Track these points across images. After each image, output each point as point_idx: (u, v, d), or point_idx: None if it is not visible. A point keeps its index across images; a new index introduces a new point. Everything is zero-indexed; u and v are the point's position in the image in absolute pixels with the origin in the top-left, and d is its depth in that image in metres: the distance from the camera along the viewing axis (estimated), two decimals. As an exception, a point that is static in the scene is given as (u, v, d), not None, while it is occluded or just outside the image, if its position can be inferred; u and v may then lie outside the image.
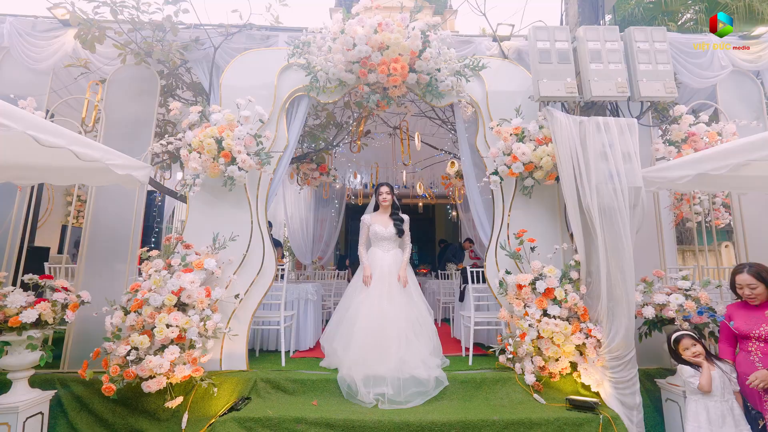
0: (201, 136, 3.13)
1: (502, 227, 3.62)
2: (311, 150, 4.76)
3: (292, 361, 3.74)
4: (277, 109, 3.67)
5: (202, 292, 3.08)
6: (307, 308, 4.31)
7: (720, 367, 2.53)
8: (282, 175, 3.71)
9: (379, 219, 3.69)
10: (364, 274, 3.52)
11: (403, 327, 3.30)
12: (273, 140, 3.60)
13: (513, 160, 3.34)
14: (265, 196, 3.59)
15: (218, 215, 3.45)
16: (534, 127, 3.34)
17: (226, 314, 3.33)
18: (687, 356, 2.58)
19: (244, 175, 3.27)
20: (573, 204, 3.18)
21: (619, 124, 3.09)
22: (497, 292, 3.48)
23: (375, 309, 3.29)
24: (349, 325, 3.32)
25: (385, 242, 3.63)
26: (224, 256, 3.36)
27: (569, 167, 3.16)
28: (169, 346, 2.90)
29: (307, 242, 8.19)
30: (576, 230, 3.19)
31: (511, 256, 3.40)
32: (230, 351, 3.32)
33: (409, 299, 3.45)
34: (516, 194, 3.61)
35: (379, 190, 3.68)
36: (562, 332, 3.05)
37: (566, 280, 3.25)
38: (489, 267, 3.61)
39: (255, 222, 3.49)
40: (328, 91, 3.70)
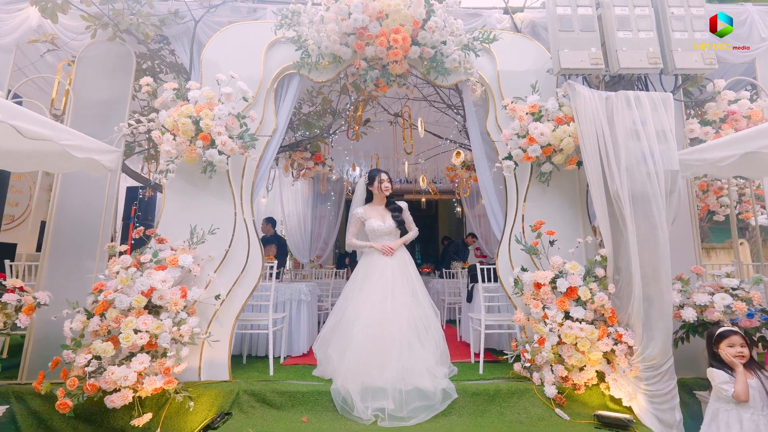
0: (175, 115, 2.75)
1: (517, 219, 3.23)
2: (305, 137, 4.38)
3: (282, 369, 3.36)
4: (265, 89, 3.29)
5: (177, 292, 2.71)
6: (300, 310, 3.93)
7: (760, 376, 2.15)
8: (270, 163, 3.33)
9: (374, 211, 3.30)
10: (379, 247, 3.16)
11: (407, 331, 2.92)
12: (260, 123, 3.23)
13: (529, 142, 2.95)
14: (250, 185, 3.21)
15: (197, 206, 3.08)
16: (553, 104, 2.95)
17: (206, 317, 2.96)
18: (727, 354, 2.19)
19: (225, 161, 2.90)
20: (598, 191, 2.79)
21: (652, 98, 2.70)
22: (511, 292, 3.09)
23: (376, 312, 2.90)
24: (346, 330, 2.94)
25: (385, 238, 3.24)
26: (204, 252, 2.98)
27: (594, 149, 2.77)
28: (138, 355, 2.54)
29: (304, 240, 7.83)
30: (602, 221, 2.80)
31: (527, 251, 3.01)
32: (210, 359, 2.94)
33: (414, 300, 3.07)
34: (532, 182, 3.22)
35: (379, 177, 3.28)
36: (587, 338, 2.66)
37: (590, 277, 2.86)
38: (501, 264, 3.22)
39: (239, 214, 3.11)
40: (321, 69, 3.32)
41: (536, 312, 2.85)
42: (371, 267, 3.16)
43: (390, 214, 3.30)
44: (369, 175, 3.32)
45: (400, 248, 3.28)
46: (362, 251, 3.32)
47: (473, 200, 7.93)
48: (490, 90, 3.38)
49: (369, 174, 3.32)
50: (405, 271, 3.19)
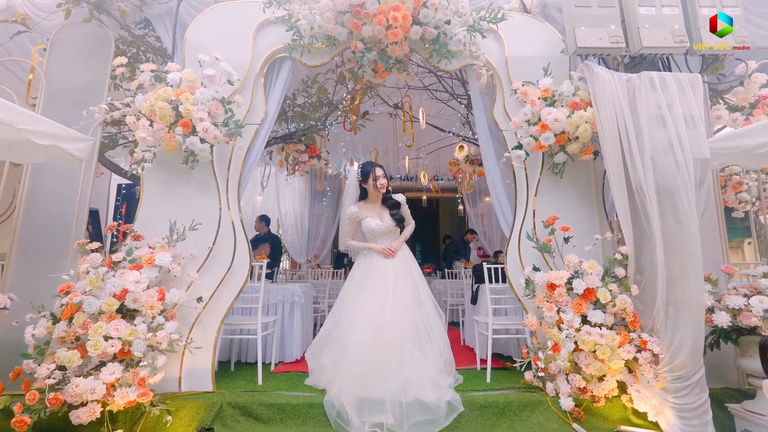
0: (152, 99, 2.49)
1: (527, 214, 2.97)
2: (299, 129, 4.12)
3: (273, 378, 3.10)
4: (253, 74, 3.03)
5: (153, 294, 2.45)
6: (293, 312, 3.67)
7: None
8: (258, 154, 3.07)
9: (370, 209, 3.03)
10: (379, 249, 2.90)
11: (408, 338, 2.66)
12: (248, 110, 2.97)
13: (541, 130, 2.69)
14: (237, 177, 2.96)
15: (179, 200, 2.82)
16: (568, 88, 2.69)
17: (188, 322, 2.70)
18: None
19: (208, 150, 2.64)
20: (619, 183, 2.53)
21: (679, 80, 2.44)
22: (522, 294, 2.83)
23: (375, 317, 2.64)
24: (342, 337, 2.68)
25: (384, 238, 2.98)
26: (185, 251, 2.72)
27: (614, 136, 2.51)
28: (109, 364, 2.28)
29: (302, 239, 7.57)
30: (623, 216, 2.54)
31: (539, 249, 2.75)
32: (192, 367, 2.68)
33: (417, 302, 2.80)
34: (543, 174, 2.96)
35: (374, 173, 2.96)
36: (608, 345, 2.40)
37: (609, 278, 2.60)
38: (511, 263, 2.96)
39: (224, 209, 2.85)
40: (314, 51, 3.06)
41: (550, 316, 2.59)
42: (370, 268, 2.90)
43: (388, 212, 3.04)
44: (362, 170, 3.01)
45: (401, 247, 3.02)
46: (359, 251, 3.06)
47: (476, 198, 7.67)
48: (497, 75, 3.13)
49: (361, 169, 3.01)
50: (407, 270, 2.93)
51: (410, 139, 4.12)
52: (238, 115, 2.84)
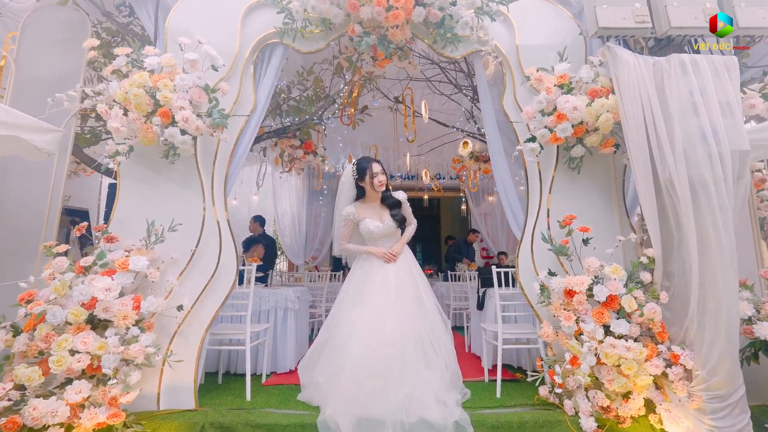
0: (127, 86, 2.24)
1: (540, 214, 2.71)
2: (293, 123, 3.87)
3: (263, 392, 2.85)
4: (242, 61, 2.78)
5: (127, 302, 2.20)
6: (286, 319, 3.42)
7: None
8: (247, 148, 2.82)
9: (368, 209, 2.76)
10: (379, 253, 2.64)
11: (411, 350, 2.40)
12: (235, 100, 2.72)
13: (557, 120, 2.44)
14: (224, 173, 2.71)
15: (158, 197, 2.57)
16: (587, 73, 2.44)
17: (168, 332, 2.45)
18: None
19: (189, 143, 2.39)
20: (645, 178, 2.28)
21: (713, 63, 2.18)
22: (536, 301, 2.58)
23: (374, 328, 2.38)
24: (338, 351, 2.42)
25: (384, 240, 2.72)
26: (166, 254, 2.47)
27: (639, 126, 2.26)
28: (75, 382, 2.03)
29: (299, 241, 7.33)
30: (649, 215, 2.29)
31: (555, 252, 2.50)
32: (172, 383, 2.43)
33: (420, 310, 2.55)
34: (558, 169, 2.71)
35: (371, 170, 2.67)
36: (635, 359, 2.14)
37: (633, 283, 2.35)
38: (523, 266, 2.71)
39: (209, 207, 2.60)
40: (308, 36, 2.82)
41: (567, 326, 2.33)
42: (369, 274, 2.64)
43: (388, 212, 2.77)
44: (357, 166, 2.71)
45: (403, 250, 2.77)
46: (356, 255, 2.80)
47: (479, 197, 7.42)
48: (507, 62, 2.88)
49: (357, 165, 2.71)
50: (409, 274, 2.68)
51: (412, 134, 3.87)
52: (224, 105, 2.59)
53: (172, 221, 2.41)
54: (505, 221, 7.18)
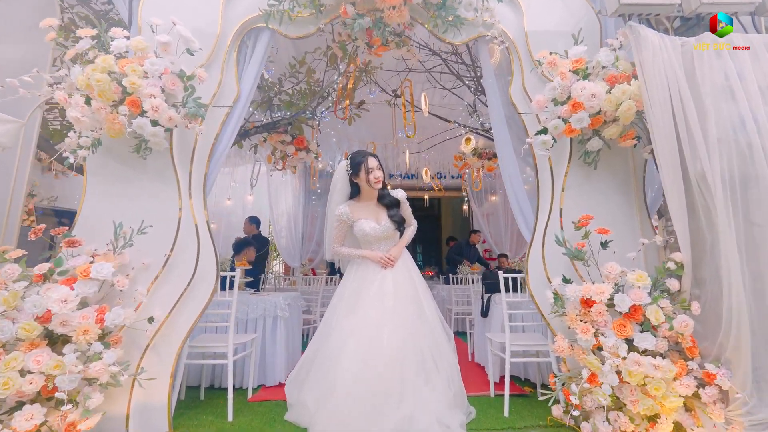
0: (89, 71, 2.00)
1: (552, 214, 2.46)
2: (283, 117, 3.61)
3: (248, 409, 2.60)
4: (223, 47, 2.53)
5: (90, 315, 1.95)
6: (276, 328, 3.17)
7: None
8: (230, 141, 2.57)
9: (364, 209, 2.50)
10: (376, 258, 2.40)
11: (410, 367, 2.15)
12: (216, 89, 2.47)
13: (572, 110, 2.19)
14: (203, 170, 2.46)
15: (129, 197, 2.32)
16: (606, 56, 2.18)
17: (139, 347, 2.20)
18: None
19: (161, 135, 2.14)
20: (672, 174, 2.02)
21: (752, 42, 1.93)
22: (548, 311, 2.33)
23: (369, 343, 2.13)
24: (328, 368, 2.16)
25: (381, 243, 2.47)
26: (137, 259, 2.22)
27: (666, 114, 2.00)
28: (26, 407, 1.78)
29: (295, 242, 7.08)
30: (677, 215, 2.03)
31: (571, 256, 2.24)
32: (143, 403, 2.18)
33: (421, 321, 2.30)
34: (573, 164, 2.46)
35: (366, 165, 2.42)
36: (663, 378, 1.89)
37: (658, 292, 2.09)
38: (533, 272, 2.46)
39: (186, 207, 2.35)
40: (296, 19, 2.57)
41: (585, 339, 2.08)
42: (364, 280, 2.40)
43: (385, 212, 2.52)
44: (351, 161, 2.46)
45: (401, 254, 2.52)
46: (350, 259, 2.55)
47: (482, 196, 7.16)
48: (514, 48, 2.62)
49: (351, 160, 2.46)
50: (408, 280, 2.43)
51: (411, 128, 3.62)
52: (203, 95, 2.34)
53: (141, 223, 2.16)
54: (508, 222, 6.93)
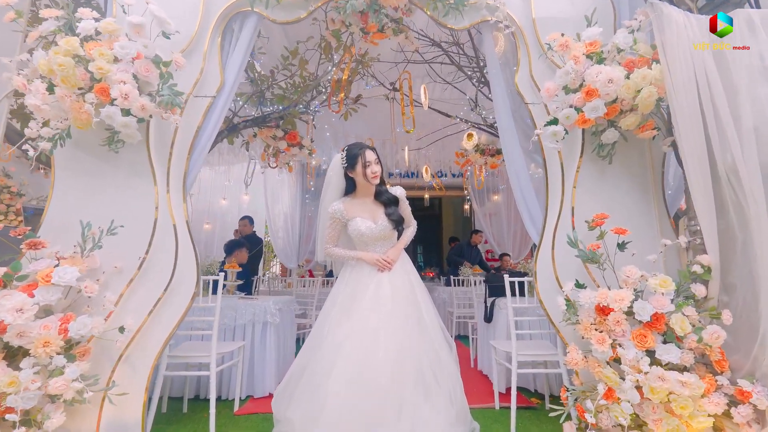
0: (51, 54, 1.80)
1: (563, 212, 2.26)
2: (275, 110, 3.41)
3: (233, 424, 2.41)
4: (206, 33, 2.34)
5: (52, 325, 1.76)
6: (265, 335, 2.97)
7: None
8: (213, 134, 2.38)
9: (359, 207, 2.31)
10: (372, 260, 2.21)
11: (410, 380, 1.95)
12: (198, 78, 2.28)
13: (586, 97, 1.98)
14: (183, 165, 2.26)
15: (101, 194, 2.13)
16: (624, 38, 1.98)
17: (111, 358, 2.00)
18: None
19: (134, 126, 1.95)
20: (699, 166, 1.82)
21: (789, 20, 1.73)
22: (559, 319, 2.13)
23: (363, 356, 1.94)
24: (317, 384, 1.96)
25: (377, 244, 2.28)
26: (109, 262, 2.03)
27: (692, 101, 1.80)
28: (-24, 428, 1.59)
29: (292, 243, 6.89)
30: (704, 212, 1.83)
31: (585, 259, 2.04)
32: (116, 420, 1.98)
33: (420, 331, 2.10)
34: (585, 158, 2.25)
35: (363, 158, 2.22)
36: (690, 395, 1.69)
37: (682, 299, 1.89)
38: (542, 276, 2.26)
39: (163, 206, 2.16)
40: (284, 3, 2.38)
41: (601, 351, 1.87)
42: (358, 284, 2.20)
43: (383, 210, 2.32)
44: (347, 153, 2.27)
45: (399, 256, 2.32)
46: (344, 261, 2.35)
47: (483, 196, 6.95)
48: (521, 33, 2.43)
49: (347, 152, 2.27)
50: (407, 285, 2.23)
51: (410, 123, 3.43)
52: (184, 84, 2.16)
53: (111, 223, 1.97)
54: (511, 222, 6.73)
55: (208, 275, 2.62)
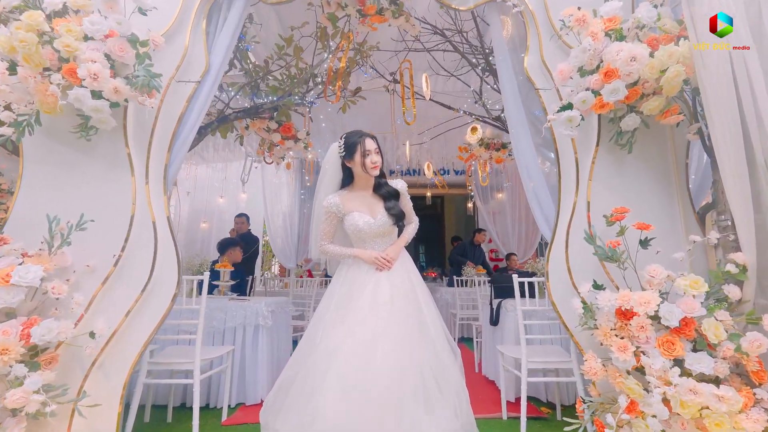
0: (12, 29, 1.63)
1: (578, 207, 2.07)
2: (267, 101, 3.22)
3: (219, 437, 2.22)
4: (190, 13, 2.16)
5: (11, 330, 1.58)
6: (257, 339, 2.79)
7: None
8: (197, 122, 2.20)
9: (357, 200, 2.12)
10: (370, 258, 2.02)
11: (410, 390, 1.76)
12: (181, 61, 2.10)
13: (605, 79, 1.80)
14: (164, 156, 2.08)
15: (73, 187, 1.95)
16: (647, 12, 1.79)
17: (82, 366, 1.83)
18: None
19: (105, 110, 1.77)
20: (734, 155, 1.63)
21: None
22: (574, 323, 1.94)
23: (358, 364, 1.75)
24: (309, 392, 1.77)
25: (376, 241, 2.09)
26: (82, 260, 1.86)
27: (726, 82, 1.61)
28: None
29: (290, 242, 6.71)
30: (739, 206, 1.64)
31: (603, 258, 1.85)
32: (86, 434, 1.81)
33: (422, 336, 1.91)
34: (602, 148, 2.06)
35: (362, 146, 2.04)
36: (727, 410, 1.50)
37: (713, 301, 1.70)
38: (554, 276, 2.07)
39: (141, 201, 1.98)
40: (275, -20, 2.20)
41: (622, 359, 1.69)
42: (354, 286, 2.01)
43: (382, 204, 2.13)
44: (345, 141, 2.08)
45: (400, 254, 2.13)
46: (339, 260, 2.17)
47: (487, 194, 6.76)
48: (531, 13, 2.24)
49: (345, 140, 2.08)
50: (407, 285, 2.04)
51: (411, 115, 3.24)
52: (166, 67, 1.99)
53: (81, 217, 1.79)
54: (516, 220, 6.53)
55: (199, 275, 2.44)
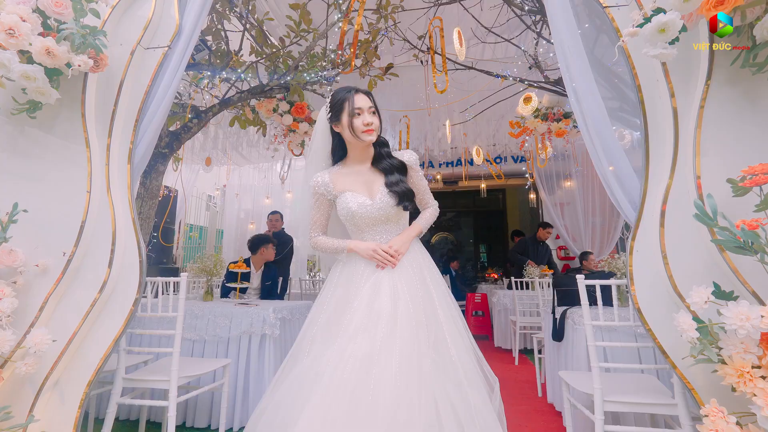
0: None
1: (677, 172, 1.37)
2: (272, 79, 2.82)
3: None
4: (160, -33, 1.84)
5: (-67, 341, 1.32)
6: (263, 351, 2.40)
7: None
8: (167, 95, 1.85)
9: (352, 178, 1.62)
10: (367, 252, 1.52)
11: None
12: (147, 22, 1.78)
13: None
14: (128, 135, 1.77)
15: (16, 173, 1.69)
16: None
17: (34, 384, 1.55)
18: None
19: (39, 77, 1.48)
20: None
21: None
22: (680, 352, 1.24)
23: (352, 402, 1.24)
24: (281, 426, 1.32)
25: (376, 230, 1.57)
26: (30, 258, 1.59)
27: None
28: None
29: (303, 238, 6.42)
30: None
31: (731, 246, 1.14)
32: (34, 466, 1.52)
33: (441, 360, 1.36)
34: (715, 83, 1.31)
35: (351, 103, 1.54)
36: None
37: None
38: (640, 275, 1.38)
39: (99, 188, 1.67)
40: None
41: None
42: (348, 291, 1.51)
43: (383, 180, 1.61)
44: (331, 99, 1.60)
45: (410, 247, 1.59)
46: (335, 257, 1.67)
47: (552, 182, 5.84)
48: None
49: (331, 98, 1.61)
50: (418, 291, 1.48)
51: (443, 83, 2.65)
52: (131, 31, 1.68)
53: (14, 207, 1.50)
54: (588, 213, 5.55)
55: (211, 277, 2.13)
